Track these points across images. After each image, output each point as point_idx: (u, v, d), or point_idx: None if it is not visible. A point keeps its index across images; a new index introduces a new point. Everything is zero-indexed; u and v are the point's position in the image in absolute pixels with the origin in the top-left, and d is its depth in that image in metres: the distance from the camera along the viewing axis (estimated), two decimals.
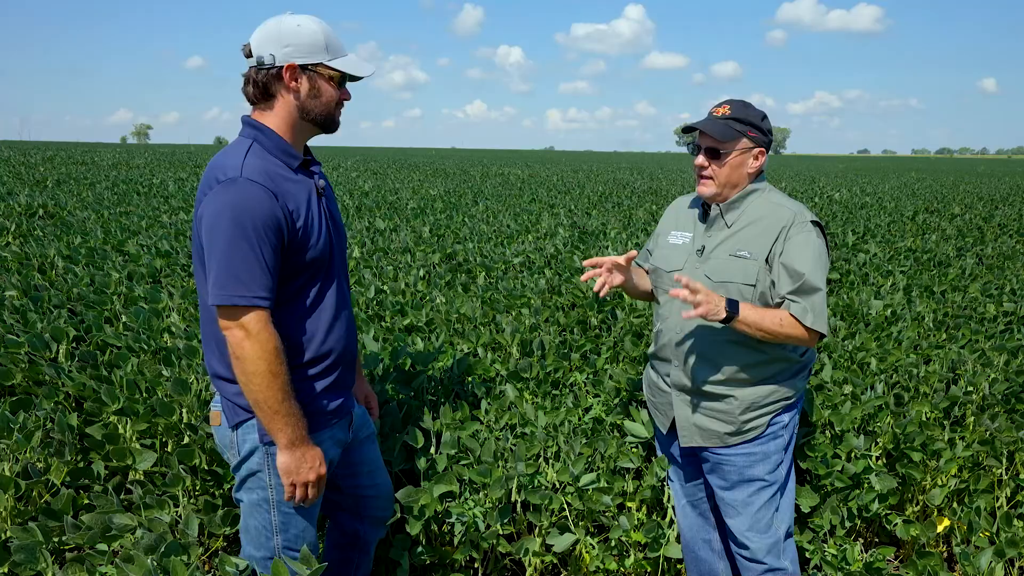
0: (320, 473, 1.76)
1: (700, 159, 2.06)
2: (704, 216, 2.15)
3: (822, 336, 1.99)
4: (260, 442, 1.75)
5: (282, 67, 1.70)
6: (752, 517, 2.14)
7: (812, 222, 2.02)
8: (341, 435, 1.91)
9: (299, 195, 1.73)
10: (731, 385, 2.07)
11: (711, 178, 2.06)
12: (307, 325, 1.77)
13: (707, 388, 2.09)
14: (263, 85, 1.72)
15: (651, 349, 2.29)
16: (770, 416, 2.10)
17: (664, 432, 2.28)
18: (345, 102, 1.82)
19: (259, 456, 1.76)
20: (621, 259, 2.12)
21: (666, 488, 2.50)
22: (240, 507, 1.86)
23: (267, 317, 1.64)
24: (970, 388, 3.10)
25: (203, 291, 1.71)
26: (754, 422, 2.09)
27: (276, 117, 1.75)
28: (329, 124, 1.81)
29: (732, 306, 1.91)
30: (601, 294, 2.13)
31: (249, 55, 1.72)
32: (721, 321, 1.91)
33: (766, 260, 2.01)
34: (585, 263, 2.15)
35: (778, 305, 1.99)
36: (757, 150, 2.06)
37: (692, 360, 2.10)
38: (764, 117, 2.07)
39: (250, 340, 1.62)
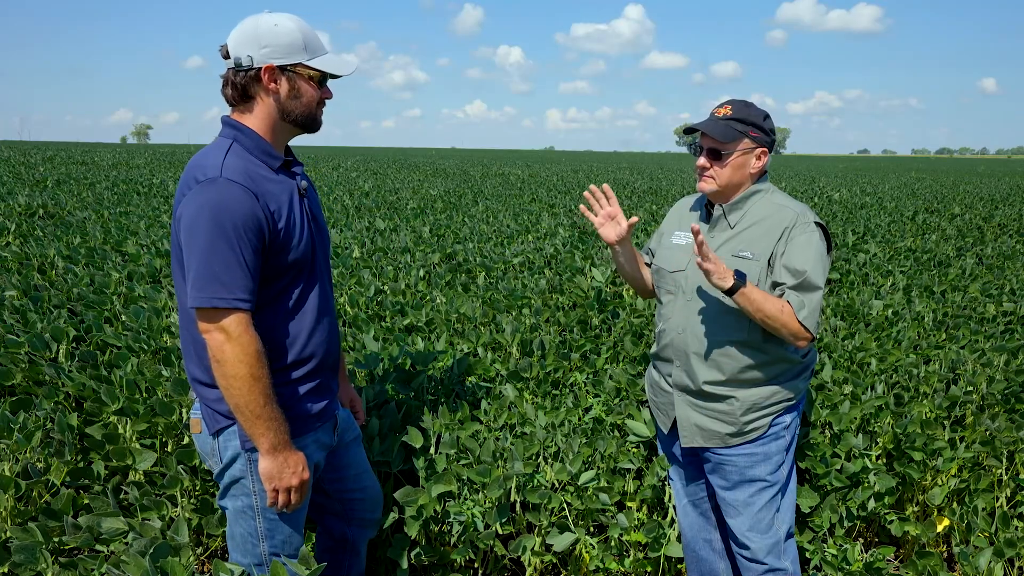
0: (303, 478, 1.73)
1: (702, 160, 2.06)
2: (707, 217, 2.15)
3: (811, 337, 1.97)
4: (242, 448, 1.71)
5: (260, 69, 1.67)
6: (753, 517, 2.14)
7: (815, 223, 2.02)
8: (326, 439, 1.88)
9: (280, 196, 1.70)
10: (733, 386, 2.07)
11: (712, 178, 2.06)
12: (289, 327, 1.74)
13: (709, 389, 2.09)
14: (242, 87, 1.69)
15: (653, 349, 2.29)
16: (772, 417, 2.10)
17: (666, 432, 2.28)
18: (327, 100, 1.78)
19: (241, 463, 1.73)
20: (623, 221, 2.15)
21: (667, 487, 2.50)
22: (225, 514, 1.84)
23: (248, 320, 1.61)
24: (970, 388, 3.10)
25: (182, 294, 1.67)
26: (756, 423, 2.09)
27: (256, 118, 1.72)
28: (311, 124, 1.78)
29: (740, 277, 1.91)
30: (581, 209, 2.18)
31: (227, 56, 1.69)
32: (726, 292, 1.91)
33: (768, 261, 2.01)
34: (592, 188, 2.16)
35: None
36: (759, 150, 2.06)
37: (694, 360, 2.10)
38: (766, 117, 2.06)
39: (230, 343, 1.58)
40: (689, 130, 2.07)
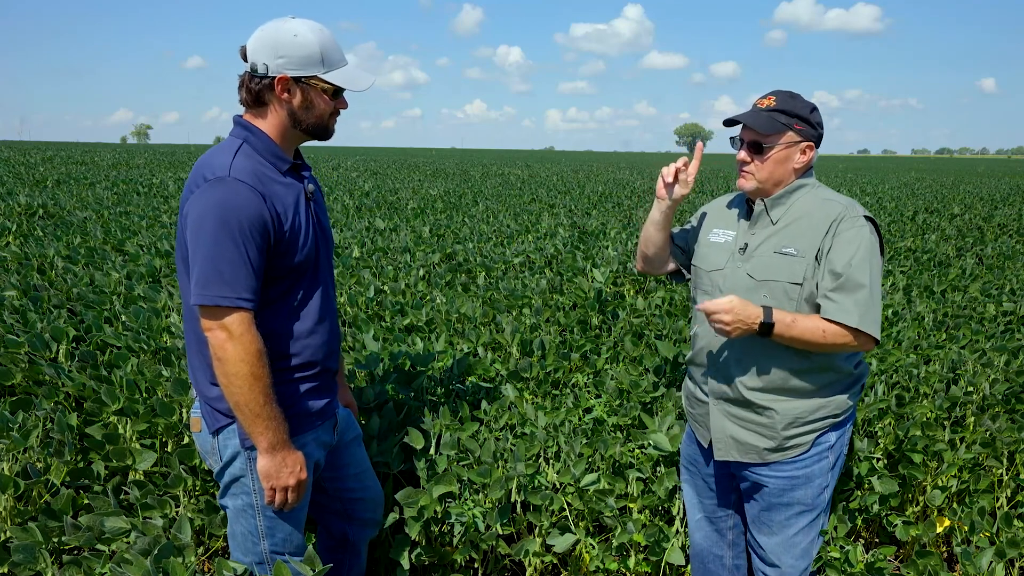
0: (300, 478, 1.74)
1: (742, 154, 1.92)
2: (748, 213, 2.00)
3: (876, 341, 1.82)
4: (241, 447, 1.73)
5: (274, 78, 1.67)
6: (788, 540, 2.00)
7: (865, 217, 1.87)
8: (326, 437, 1.88)
9: (287, 198, 1.71)
10: (773, 395, 1.91)
11: (752, 174, 1.92)
12: (291, 328, 1.75)
13: (748, 396, 1.93)
14: (256, 93, 1.70)
15: (688, 355, 2.13)
16: (815, 435, 1.93)
17: (706, 446, 2.09)
18: (342, 111, 1.79)
19: (241, 461, 1.74)
20: (689, 184, 2.02)
21: (676, 498, 2.43)
22: (226, 513, 1.84)
23: (250, 319, 1.62)
24: (970, 388, 3.09)
25: (186, 290, 1.69)
26: (797, 439, 1.93)
27: (268, 123, 1.73)
28: (322, 133, 1.78)
29: (766, 318, 1.78)
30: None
31: (245, 58, 1.70)
32: (759, 334, 1.81)
33: (815, 258, 1.86)
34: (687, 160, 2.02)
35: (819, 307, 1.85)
36: (805, 144, 1.90)
37: (730, 367, 1.95)
38: (813, 109, 1.91)
39: (232, 342, 1.59)
40: (730, 122, 1.93)
